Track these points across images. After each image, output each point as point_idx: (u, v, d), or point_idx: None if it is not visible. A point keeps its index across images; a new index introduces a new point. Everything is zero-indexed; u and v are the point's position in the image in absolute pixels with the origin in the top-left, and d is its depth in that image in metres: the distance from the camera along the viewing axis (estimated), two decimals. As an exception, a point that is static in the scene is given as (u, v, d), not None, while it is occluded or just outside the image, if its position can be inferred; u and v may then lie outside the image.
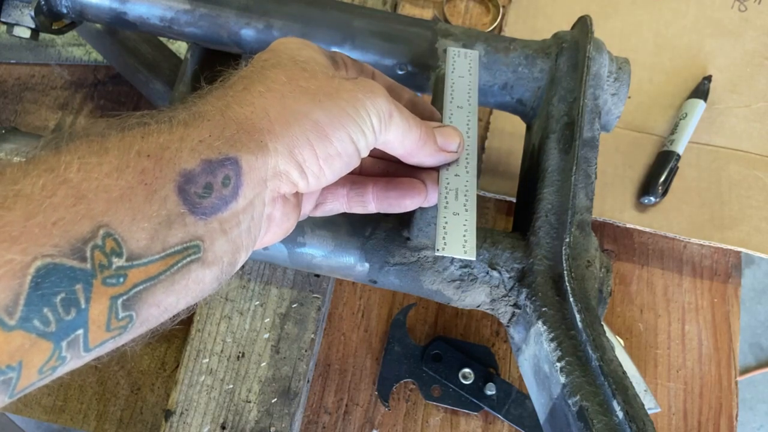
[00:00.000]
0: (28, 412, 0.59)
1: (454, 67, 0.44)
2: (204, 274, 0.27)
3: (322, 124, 0.30)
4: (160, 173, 0.25)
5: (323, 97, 0.30)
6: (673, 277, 0.65)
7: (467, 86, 0.42)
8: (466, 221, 0.36)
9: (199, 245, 0.26)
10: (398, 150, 0.35)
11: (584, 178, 0.44)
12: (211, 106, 0.28)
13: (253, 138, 0.28)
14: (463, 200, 0.37)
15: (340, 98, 0.31)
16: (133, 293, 0.24)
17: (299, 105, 0.30)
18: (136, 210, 0.24)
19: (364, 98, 0.31)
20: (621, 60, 0.51)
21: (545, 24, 0.73)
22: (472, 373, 0.58)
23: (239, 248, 0.29)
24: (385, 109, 0.32)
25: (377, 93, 0.32)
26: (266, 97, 0.29)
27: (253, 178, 0.28)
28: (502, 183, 0.65)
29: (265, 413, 0.51)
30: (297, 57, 0.32)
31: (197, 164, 0.26)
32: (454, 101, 0.41)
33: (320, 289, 0.55)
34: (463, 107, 0.41)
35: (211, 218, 0.27)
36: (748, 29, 0.73)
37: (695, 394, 0.61)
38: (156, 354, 0.61)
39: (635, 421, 0.34)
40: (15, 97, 0.71)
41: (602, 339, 0.38)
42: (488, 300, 0.44)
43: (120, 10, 0.51)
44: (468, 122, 0.40)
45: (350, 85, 0.32)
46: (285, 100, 0.30)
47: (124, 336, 0.26)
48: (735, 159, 0.67)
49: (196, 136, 0.27)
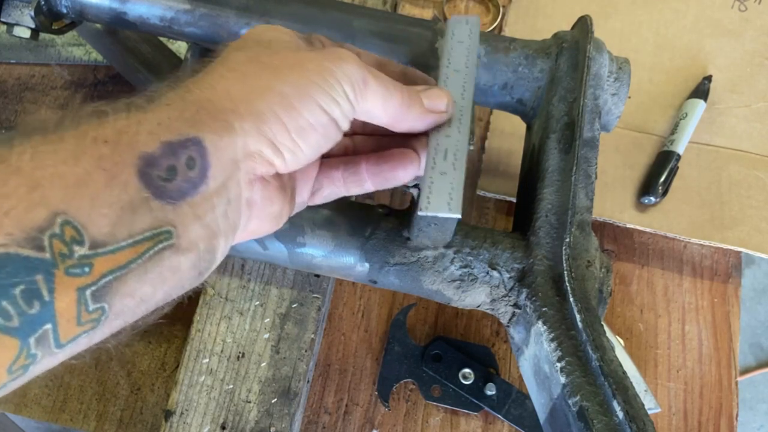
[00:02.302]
0: (28, 412, 0.59)
1: (453, 33, 0.43)
2: (179, 261, 0.26)
3: (288, 96, 0.29)
4: (119, 158, 0.24)
5: (287, 70, 0.29)
6: (673, 277, 0.65)
7: (466, 51, 0.41)
8: (453, 180, 0.35)
9: (171, 231, 0.26)
10: (382, 118, 0.33)
11: (584, 178, 0.44)
12: (171, 91, 0.28)
13: (217, 118, 0.27)
14: (452, 159, 0.35)
15: (305, 69, 0.30)
16: (103, 283, 0.24)
17: (262, 81, 0.29)
18: (95, 196, 0.23)
19: (332, 66, 0.30)
20: (621, 60, 0.51)
21: (545, 24, 0.73)
22: (472, 373, 0.58)
23: (216, 234, 0.28)
24: (357, 76, 0.31)
25: (346, 60, 0.31)
26: (227, 78, 0.29)
27: (221, 158, 0.27)
28: (502, 183, 0.65)
29: (265, 413, 0.51)
30: (261, 38, 0.32)
31: (157, 147, 0.25)
32: (451, 65, 0.40)
33: (320, 289, 0.55)
34: (460, 71, 0.40)
35: (180, 202, 0.26)
36: (748, 29, 0.73)
37: (695, 394, 0.61)
38: (156, 354, 0.61)
39: (635, 421, 0.34)
40: (15, 97, 0.71)
41: (602, 339, 0.38)
42: (488, 300, 0.44)
43: (120, 10, 0.51)
44: (464, 85, 0.39)
45: (315, 55, 0.31)
46: (247, 78, 0.29)
47: (98, 330, 0.25)
48: (735, 159, 0.67)
49: (154, 120, 0.26)
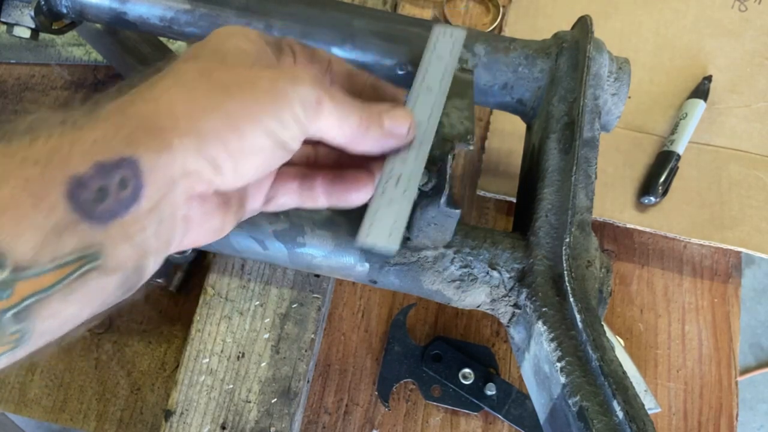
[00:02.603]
0: (28, 412, 0.59)
1: (435, 46, 0.41)
2: (106, 281, 0.26)
3: (233, 118, 0.28)
4: (47, 180, 0.24)
5: (235, 89, 0.28)
6: (673, 277, 0.65)
7: (443, 68, 0.40)
8: (399, 210, 0.34)
9: (98, 252, 0.25)
10: (338, 139, 0.32)
11: (584, 178, 0.44)
12: (113, 104, 0.27)
13: (155, 136, 0.26)
14: (403, 187, 0.34)
15: (256, 89, 0.29)
16: (24, 306, 0.23)
17: (208, 99, 0.28)
18: (20, 220, 0.23)
19: (284, 86, 0.29)
20: (621, 60, 0.51)
21: (545, 24, 0.73)
22: (472, 373, 0.58)
23: (146, 253, 0.27)
24: (311, 97, 0.30)
25: (300, 80, 0.30)
26: (172, 92, 0.28)
27: (156, 178, 0.26)
28: (502, 183, 0.65)
29: (265, 413, 0.51)
30: (221, 47, 0.31)
31: (89, 167, 0.24)
32: (425, 82, 0.39)
33: (320, 289, 0.55)
34: (433, 90, 0.38)
35: (109, 223, 0.25)
36: (748, 29, 0.73)
37: (695, 394, 0.61)
38: (156, 354, 0.61)
39: (635, 421, 0.34)
40: (15, 97, 0.71)
41: (602, 339, 0.38)
42: (488, 300, 0.44)
43: (120, 10, 0.51)
44: (432, 106, 0.37)
45: (270, 73, 0.30)
46: (193, 93, 0.28)
47: (20, 349, 0.24)
48: (735, 159, 0.67)
49: (89, 138, 0.25)
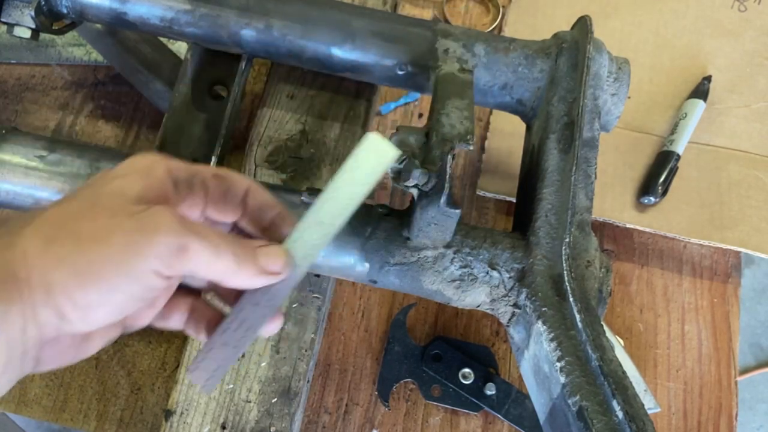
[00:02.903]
0: (28, 412, 0.59)
1: (358, 157, 0.33)
2: None
3: (81, 274, 0.28)
4: None
5: (89, 243, 0.29)
6: (672, 277, 0.65)
7: (350, 196, 0.33)
8: (225, 358, 0.34)
9: None
10: (210, 275, 0.32)
11: (584, 178, 0.44)
12: None
13: (6, 288, 0.27)
14: (241, 334, 0.33)
15: (110, 244, 0.29)
16: None
17: (62, 251, 0.29)
18: None
19: (142, 240, 0.29)
20: (621, 60, 0.51)
21: (545, 24, 0.73)
22: (472, 373, 0.58)
23: None
24: (172, 246, 0.30)
25: (162, 230, 0.29)
26: (30, 241, 0.29)
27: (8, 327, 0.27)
28: (502, 183, 0.65)
29: (265, 413, 0.51)
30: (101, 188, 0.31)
31: None
32: (322, 210, 0.34)
33: (320, 289, 0.55)
34: (324, 224, 0.34)
35: None
36: (748, 29, 0.73)
37: (695, 394, 0.61)
38: (156, 354, 0.61)
39: (635, 420, 0.34)
40: (15, 97, 0.71)
41: (602, 339, 0.38)
42: (488, 300, 0.44)
43: (120, 10, 0.51)
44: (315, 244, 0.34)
45: (130, 225, 0.30)
46: (49, 244, 0.29)
47: None
48: (735, 159, 0.67)
49: None
